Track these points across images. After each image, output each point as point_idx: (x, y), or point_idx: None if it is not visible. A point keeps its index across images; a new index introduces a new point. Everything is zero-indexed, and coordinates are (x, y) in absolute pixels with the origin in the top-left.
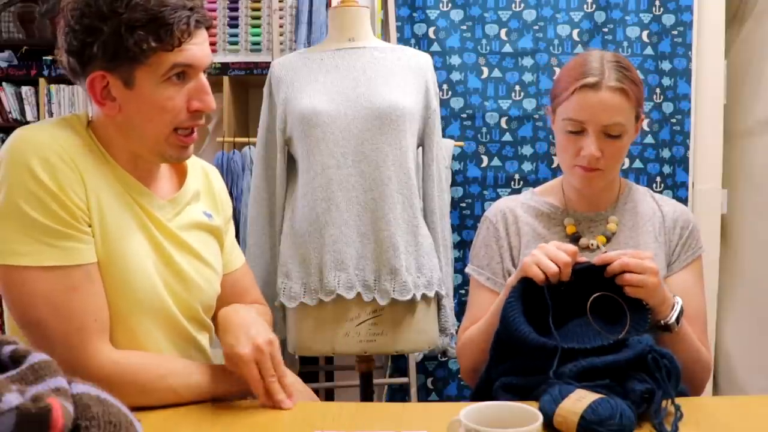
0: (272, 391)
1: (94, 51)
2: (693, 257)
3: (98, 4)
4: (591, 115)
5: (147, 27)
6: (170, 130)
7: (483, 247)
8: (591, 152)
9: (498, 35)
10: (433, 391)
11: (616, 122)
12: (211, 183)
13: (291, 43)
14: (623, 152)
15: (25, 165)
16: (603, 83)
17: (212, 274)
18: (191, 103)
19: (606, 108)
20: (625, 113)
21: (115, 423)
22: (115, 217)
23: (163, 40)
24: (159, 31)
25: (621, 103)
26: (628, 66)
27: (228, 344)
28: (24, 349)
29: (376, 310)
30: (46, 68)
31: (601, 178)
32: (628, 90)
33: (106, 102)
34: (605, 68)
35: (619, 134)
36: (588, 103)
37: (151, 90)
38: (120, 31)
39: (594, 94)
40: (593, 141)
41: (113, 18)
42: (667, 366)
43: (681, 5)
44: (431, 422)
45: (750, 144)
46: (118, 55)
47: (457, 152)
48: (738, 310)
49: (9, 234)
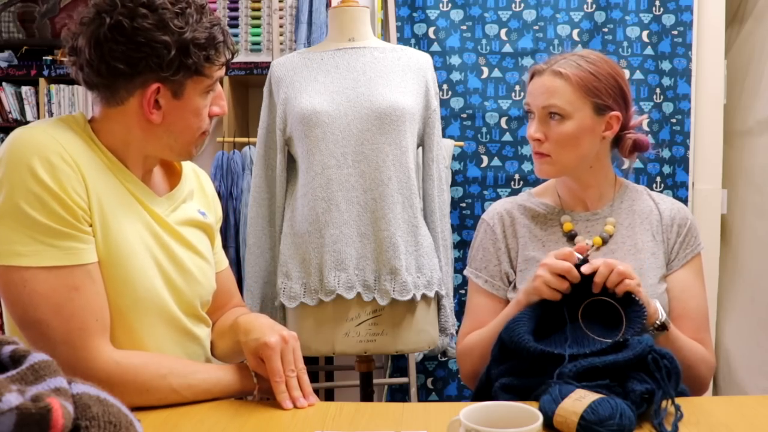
0: (290, 386)
1: (154, 63)
2: (692, 255)
3: (158, 17)
4: (533, 98)
5: (210, 43)
6: (200, 133)
7: (480, 249)
8: (530, 133)
9: (498, 35)
10: (433, 391)
11: (551, 103)
12: (202, 184)
13: (291, 43)
14: (572, 140)
15: (26, 165)
16: (547, 69)
17: (209, 268)
18: (212, 108)
19: (543, 90)
20: (565, 97)
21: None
22: (116, 215)
23: (221, 53)
24: (218, 47)
25: (560, 86)
26: (593, 61)
27: (253, 338)
28: (24, 349)
29: (376, 310)
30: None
31: (551, 164)
32: (570, 75)
33: (153, 111)
34: (562, 59)
35: (559, 117)
36: (533, 87)
37: (196, 100)
38: (188, 48)
39: (538, 78)
40: (534, 123)
41: (180, 35)
42: (667, 366)
43: (681, 5)
44: (431, 422)
45: (750, 144)
46: (180, 69)
47: (457, 152)
48: (738, 309)
49: (9, 234)
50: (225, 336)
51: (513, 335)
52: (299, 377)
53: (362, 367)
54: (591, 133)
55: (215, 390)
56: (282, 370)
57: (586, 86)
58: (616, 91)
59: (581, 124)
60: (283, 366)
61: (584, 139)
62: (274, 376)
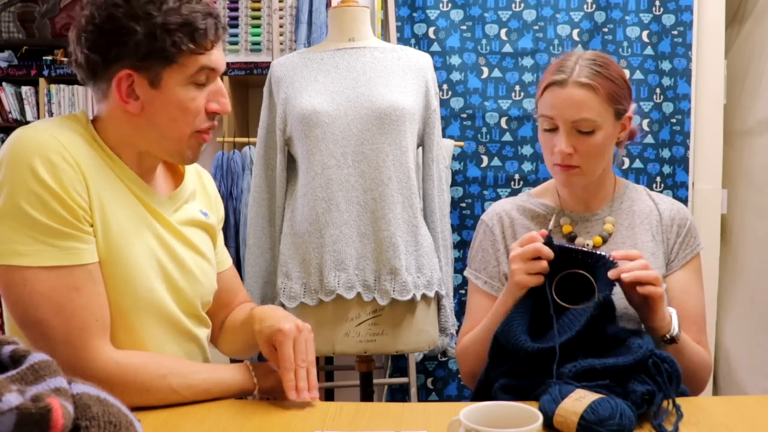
0: (298, 376)
1: (124, 50)
2: (691, 255)
3: (130, 5)
4: (559, 111)
5: (182, 30)
6: (191, 131)
7: (480, 250)
8: (561, 148)
9: (498, 35)
10: (433, 391)
11: (584, 118)
12: (204, 184)
13: (291, 43)
14: (601, 150)
15: (27, 164)
16: (570, 79)
17: (210, 269)
18: (209, 105)
19: (572, 104)
20: (594, 109)
21: (115, 423)
22: (118, 215)
23: (198, 43)
24: (194, 35)
25: (588, 98)
26: (604, 63)
27: (268, 326)
28: (24, 349)
29: (376, 310)
30: (46, 68)
31: (580, 175)
32: (596, 86)
33: (129, 100)
34: (576, 65)
35: (590, 130)
36: (556, 100)
37: (177, 91)
38: (155, 33)
39: (561, 90)
40: (563, 137)
41: (148, 20)
42: (668, 370)
43: (681, 5)
44: (431, 422)
45: (750, 144)
46: (150, 55)
47: (457, 152)
48: (738, 309)
49: (10, 234)
50: (237, 331)
51: (509, 337)
52: (308, 370)
53: (362, 367)
54: (613, 138)
55: (215, 390)
56: (293, 358)
57: (610, 94)
58: (627, 92)
59: (607, 133)
60: (294, 355)
61: (609, 146)
62: (285, 362)
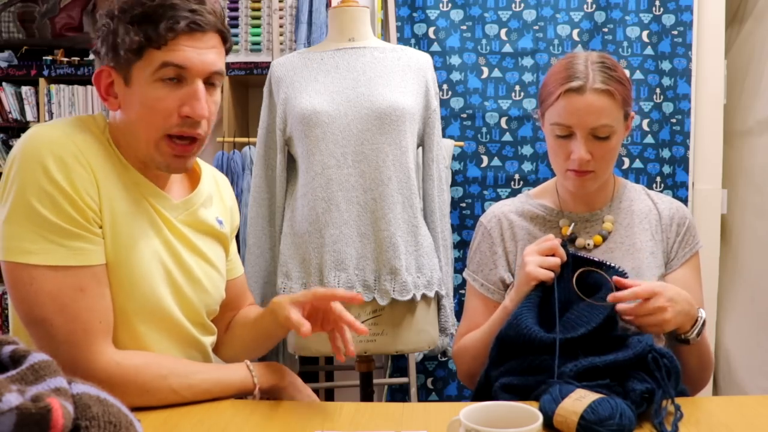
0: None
1: (98, 47)
2: (690, 253)
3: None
4: (578, 119)
5: (140, 25)
6: (160, 134)
7: (478, 253)
8: (581, 156)
9: (498, 35)
10: (433, 391)
11: (603, 124)
12: (221, 191)
13: (291, 43)
14: (614, 153)
15: (40, 163)
16: (588, 86)
17: (219, 278)
18: (182, 108)
19: (592, 111)
20: (612, 114)
21: (115, 423)
22: (127, 219)
23: (149, 37)
24: (147, 29)
25: (607, 104)
26: (613, 66)
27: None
28: (24, 349)
29: (376, 310)
30: (46, 68)
31: (594, 179)
32: (613, 91)
33: (109, 98)
34: (590, 70)
35: (607, 135)
36: (574, 107)
37: (144, 88)
38: (118, 27)
39: (580, 97)
40: (582, 144)
41: (117, 15)
42: (667, 365)
43: (681, 5)
44: (431, 422)
45: (750, 144)
46: (117, 51)
47: (457, 152)
48: (738, 309)
49: (20, 231)
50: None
51: (520, 329)
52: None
53: (362, 367)
54: (622, 140)
55: (215, 390)
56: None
57: (623, 98)
58: (631, 93)
59: (619, 136)
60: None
61: (619, 148)
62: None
